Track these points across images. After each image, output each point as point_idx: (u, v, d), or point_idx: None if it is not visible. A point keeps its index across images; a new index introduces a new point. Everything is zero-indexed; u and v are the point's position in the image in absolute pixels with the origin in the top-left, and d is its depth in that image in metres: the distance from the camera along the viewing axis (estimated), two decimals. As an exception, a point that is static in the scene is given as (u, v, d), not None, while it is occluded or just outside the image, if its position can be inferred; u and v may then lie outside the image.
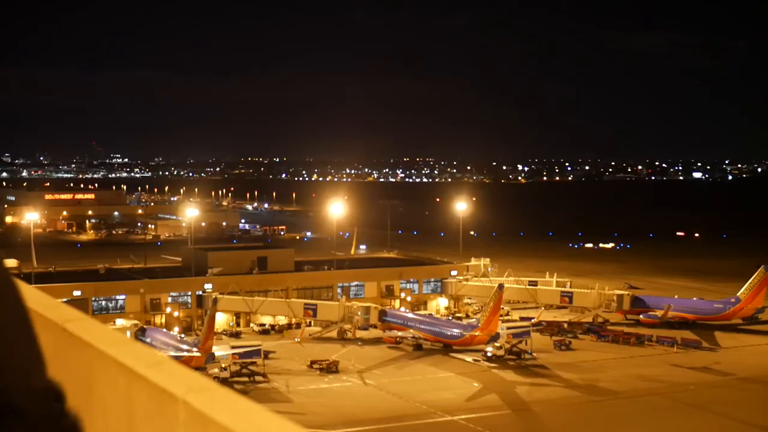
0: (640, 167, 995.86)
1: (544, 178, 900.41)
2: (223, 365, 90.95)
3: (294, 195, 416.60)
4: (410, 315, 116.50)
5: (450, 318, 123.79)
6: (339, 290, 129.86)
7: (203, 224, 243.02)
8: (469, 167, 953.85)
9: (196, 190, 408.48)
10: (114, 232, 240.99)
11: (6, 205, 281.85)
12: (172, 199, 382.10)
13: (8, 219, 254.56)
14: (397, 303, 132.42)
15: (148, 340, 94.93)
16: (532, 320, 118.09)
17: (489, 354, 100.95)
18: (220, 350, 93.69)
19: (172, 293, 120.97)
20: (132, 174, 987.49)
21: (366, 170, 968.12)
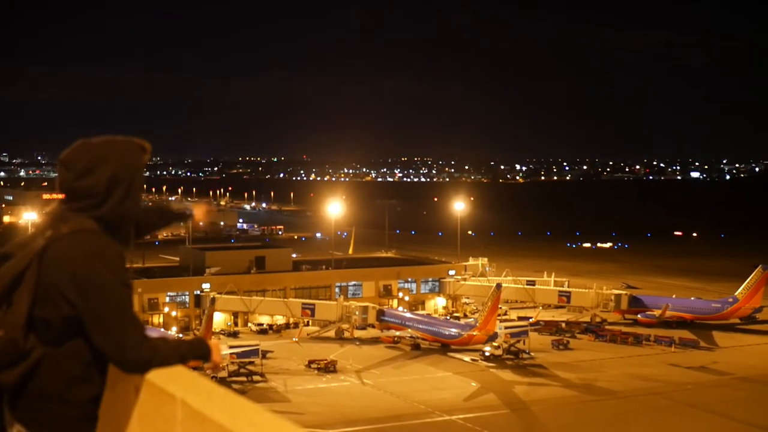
0: (637, 167, 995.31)
1: (542, 178, 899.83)
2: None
3: (292, 195, 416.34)
4: (408, 315, 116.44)
5: (448, 318, 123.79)
6: (337, 290, 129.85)
7: (201, 224, 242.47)
8: (467, 167, 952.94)
9: (194, 189, 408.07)
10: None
11: (3, 205, 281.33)
12: (170, 198, 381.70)
13: (6, 219, 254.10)
14: (395, 302, 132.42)
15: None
16: (530, 320, 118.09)
17: (487, 353, 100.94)
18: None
19: (169, 293, 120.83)
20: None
21: (364, 170, 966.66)
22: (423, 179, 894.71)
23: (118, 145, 5.38)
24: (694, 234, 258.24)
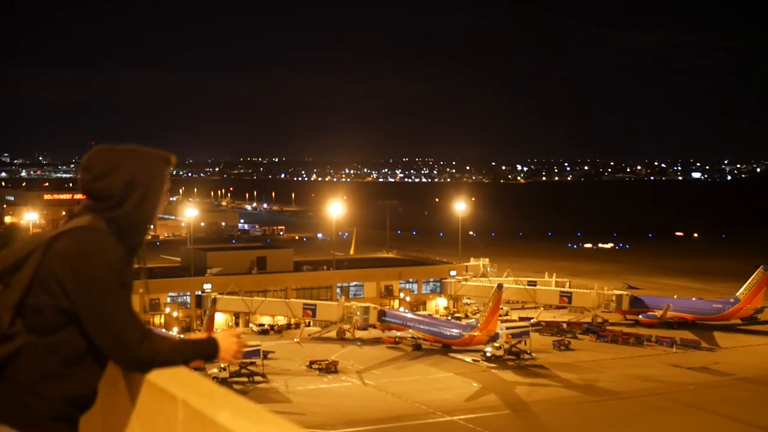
0: (639, 167, 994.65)
1: (543, 178, 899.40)
2: (222, 365, 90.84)
3: (293, 195, 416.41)
4: (409, 315, 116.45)
5: (449, 318, 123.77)
6: (338, 290, 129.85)
7: (202, 224, 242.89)
8: (468, 167, 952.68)
9: (195, 190, 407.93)
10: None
11: (5, 205, 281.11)
12: (171, 198, 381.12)
13: (7, 219, 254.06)
14: (396, 303, 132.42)
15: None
16: (531, 320, 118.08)
17: (488, 354, 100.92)
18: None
19: (171, 293, 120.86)
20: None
21: (365, 170, 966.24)
22: (424, 179, 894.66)
23: (140, 152, 5.47)
24: (696, 234, 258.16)
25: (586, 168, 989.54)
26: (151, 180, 5.44)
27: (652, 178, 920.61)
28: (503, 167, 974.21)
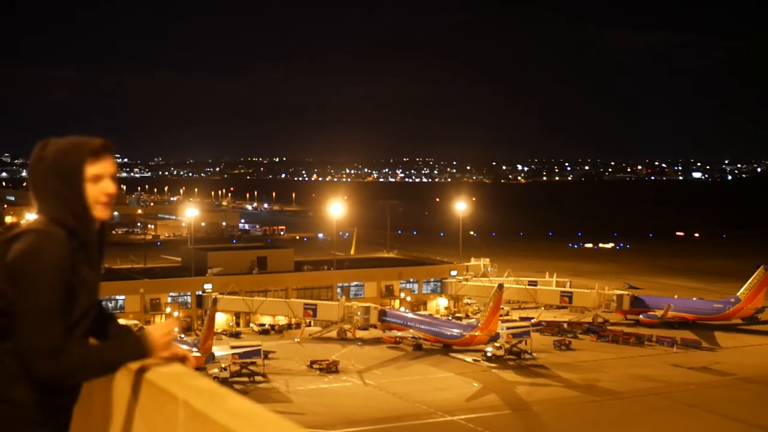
0: (639, 167, 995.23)
1: (544, 178, 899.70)
2: (222, 365, 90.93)
3: (294, 195, 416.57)
4: (410, 315, 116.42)
5: (450, 318, 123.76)
6: (339, 290, 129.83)
7: (203, 224, 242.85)
8: (468, 167, 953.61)
9: (196, 190, 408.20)
10: (113, 232, 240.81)
11: (5, 205, 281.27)
12: (171, 199, 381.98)
13: (8, 219, 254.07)
14: (396, 303, 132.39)
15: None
16: (532, 320, 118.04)
17: (489, 354, 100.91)
18: (219, 350, 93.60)
19: (171, 293, 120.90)
20: (131, 174, 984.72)
21: (366, 170, 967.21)
22: (425, 179, 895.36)
23: (59, 145, 5.24)
24: (696, 234, 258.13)
25: (586, 168, 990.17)
26: (67, 173, 5.17)
27: (652, 177, 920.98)
28: (504, 167, 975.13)
